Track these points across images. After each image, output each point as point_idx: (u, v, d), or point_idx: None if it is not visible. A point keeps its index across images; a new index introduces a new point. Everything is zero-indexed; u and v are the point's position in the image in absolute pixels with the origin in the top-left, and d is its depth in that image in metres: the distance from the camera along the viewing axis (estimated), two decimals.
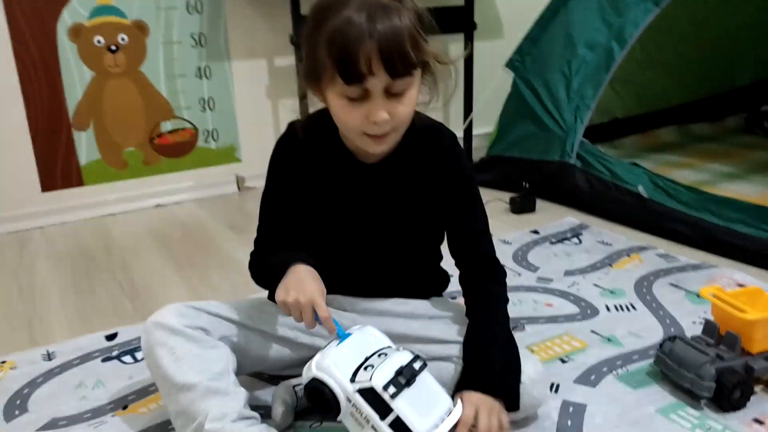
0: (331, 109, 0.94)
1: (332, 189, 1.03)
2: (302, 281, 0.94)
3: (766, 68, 3.01)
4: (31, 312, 1.49)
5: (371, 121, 0.90)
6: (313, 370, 0.85)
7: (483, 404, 0.89)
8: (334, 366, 0.84)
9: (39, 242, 1.96)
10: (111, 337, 1.33)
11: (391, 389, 0.82)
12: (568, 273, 1.55)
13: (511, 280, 1.50)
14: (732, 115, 2.91)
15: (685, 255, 1.62)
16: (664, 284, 1.46)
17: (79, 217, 2.15)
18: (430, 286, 1.16)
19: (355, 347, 0.88)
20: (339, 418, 0.86)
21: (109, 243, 1.93)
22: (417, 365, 0.87)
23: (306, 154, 1.03)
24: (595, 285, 1.47)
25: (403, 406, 0.82)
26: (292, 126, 1.05)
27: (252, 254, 1.10)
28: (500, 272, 1.08)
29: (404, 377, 0.84)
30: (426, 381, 0.88)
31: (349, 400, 0.84)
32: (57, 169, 2.12)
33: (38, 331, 1.40)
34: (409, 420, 0.82)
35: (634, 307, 1.36)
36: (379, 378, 0.83)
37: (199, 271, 1.69)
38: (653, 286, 1.46)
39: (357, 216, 1.04)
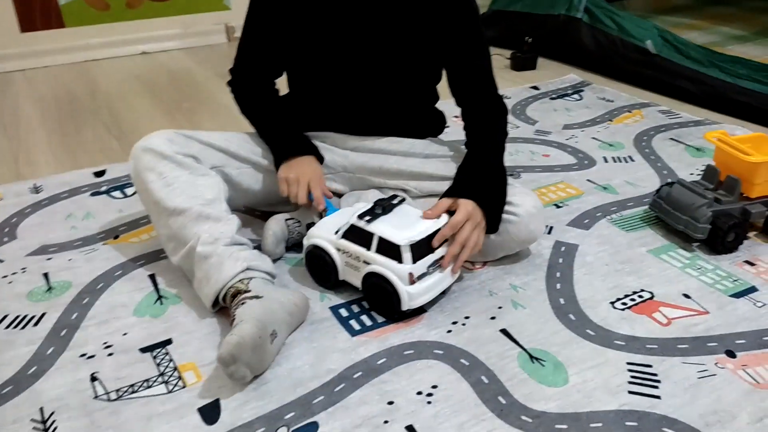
0: None
1: (322, 7, 0.97)
2: (303, 164, 1.00)
3: None
4: (16, 148, 1.45)
5: None
6: (305, 240, 0.93)
7: (473, 217, 0.89)
8: (323, 229, 0.91)
9: (21, 85, 1.89)
10: (99, 174, 1.31)
11: (367, 217, 0.87)
12: (567, 127, 1.51)
13: (508, 132, 1.48)
14: None
15: (688, 112, 1.58)
16: (664, 138, 1.43)
17: (62, 61, 2.06)
18: (426, 126, 1.12)
19: (341, 216, 0.94)
20: (341, 277, 0.91)
21: (93, 87, 1.86)
22: (395, 201, 0.91)
23: None
24: (594, 138, 1.45)
25: (379, 227, 0.86)
26: None
27: (231, 72, 1.07)
28: (502, 107, 1.04)
29: (380, 207, 0.89)
30: (406, 210, 0.90)
31: (339, 250, 0.89)
32: (35, 8, 2.00)
33: (24, 166, 1.37)
34: (387, 235, 0.84)
35: (632, 159, 1.34)
36: (357, 215, 0.88)
37: (187, 114, 1.64)
38: (653, 140, 1.43)
39: (349, 38, 0.98)
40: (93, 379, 0.77)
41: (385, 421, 0.70)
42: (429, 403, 0.72)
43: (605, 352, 0.80)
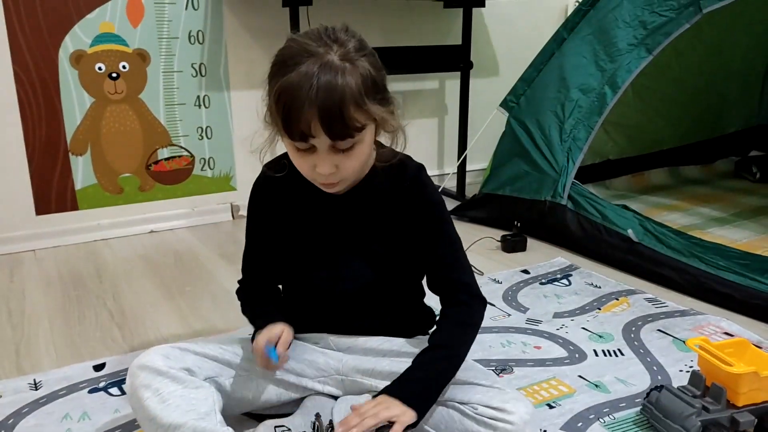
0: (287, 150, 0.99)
1: (304, 221, 1.07)
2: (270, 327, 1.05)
3: (754, 116, 3.08)
4: (18, 339, 1.48)
5: (318, 173, 0.95)
6: None
7: (381, 401, 0.93)
8: None
9: (31, 266, 1.96)
10: (99, 368, 1.33)
11: None
12: (557, 315, 1.56)
13: (501, 321, 1.53)
14: (722, 158, 2.97)
15: (674, 300, 1.63)
16: (651, 330, 1.47)
17: (72, 241, 2.15)
18: (414, 323, 1.16)
19: None
20: None
21: (100, 268, 1.93)
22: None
23: (279, 192, 1.08)
24: (584, 328, 1.49)
25: None
26: (265, 167, 1.08)
27: (240, 282, 1.17)
28: (474, 297, 1.07)
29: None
30: None
31: None
32: (52, 192, 2.13)
33: (25, 359, 1.39)
34: None
35: (621, 353, 1.37)
36: None
37: (189, 299, 1.69)
38: (641, 331, 1.47)
39: (328, 247, 1.07)
40: None
41: None
42: None
43: None
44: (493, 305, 1.62)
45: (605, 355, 1.37)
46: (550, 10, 2.87)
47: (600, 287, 1.73)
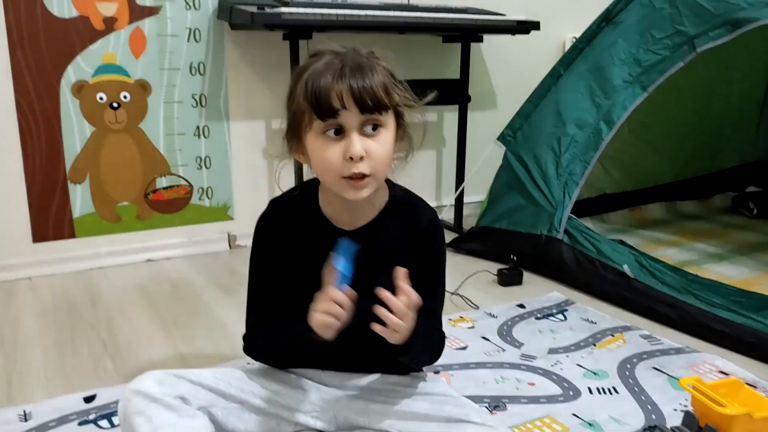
0: (311, 155, 0.99)
1: (311, 258, 1.05)
2: None
3: (750, 152, 3.10)
4: (11, 369, 1.48)
5: (348, 157, 0.94)
6: None
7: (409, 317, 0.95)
8: None
9: (26, 294, 1.96)
10: (89, 399, 1.32)
11: None
12: (552, 351, 1.55)
13: (495, 357, 1.53)
14: (719, 193, 2.98)
15: (669, 337, 1.63)
16: (647, 367, 1.46)
17: (69, 270, 2.15)
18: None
19: None
20: None
21: (95, 297, 1.93)
22: None
23: (286, 228, 1.07)
24: (579, 365, 1.48)
25: None
26: (272, 203, 1.08)
27: (247, 335, 1.11)
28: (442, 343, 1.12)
29: None
30: None
31: None
32: (50, 220, 2.13)
33: (17, 389, 1.38)
34: None
35: (616, 391, 1.36)
36: None
37: (183, 330, 1.69)
38: (636, 368, 1.46)
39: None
40: None
41: None
42: None
43: None
44: (488, 340, 1.62)
45: (600, 392, 1.36)
46: (548, 46, 2.91)
47: (595, 323, 1.72)
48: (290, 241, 1.07)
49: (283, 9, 2.02)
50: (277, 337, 1.07)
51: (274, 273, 1.08)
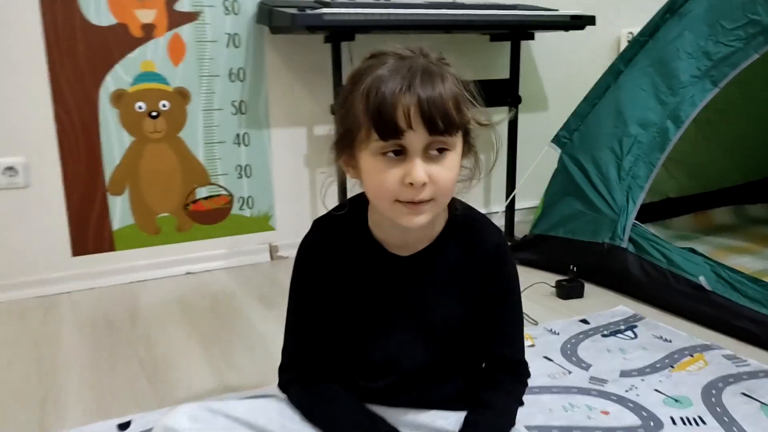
0: (365, 174, 0.86)
1: (360, 286, 0.94)
2: None
3: None
4: (45, 390, 1.41)
5: (408, 183, 0.81)
6: None
7: None
8: None
9: (65, 308, 1.90)
10: (124, 426, 1.24)
11: None
12: (624, 374, 1.41)
13: (561, 380, 1.39)
14: None
15: (756, 357, 1.46)
16: (735, 393, 1.31)
17: (108, 283, 2.09)
18: (471, 395, 1.03)
19: None
20: None
21: (134, 312, 1.86)
22: None
23: (332, 252, 0.95)
24: (657, 390, 1.33)
25: None
26: (316, 224, 0.97)
27: (283, 369, 1.01)
28: (525, 373, 1.00)
29: None
30: None
31: None
32: (89, 233, 2.08)
33: (50, 413, 1.31)
34: None
35: (703, 421, 1.21)
36: None
37: (223, 347, 1.60)
38: (722, 394, 1.30)
39: (384, 318, 0.95)
40: None
41: None
42: None
43: None
44: (551, 360, 1.48)
45: (684, 423, 1.21)
46: (602, 42, 2.76)
47: (670, 341, 1.56)
48: (337, 267, 0.94)
49: (325, 10, 1.93)
50: (319, 417, 0.96)
51: (317, 301, 0.96)
